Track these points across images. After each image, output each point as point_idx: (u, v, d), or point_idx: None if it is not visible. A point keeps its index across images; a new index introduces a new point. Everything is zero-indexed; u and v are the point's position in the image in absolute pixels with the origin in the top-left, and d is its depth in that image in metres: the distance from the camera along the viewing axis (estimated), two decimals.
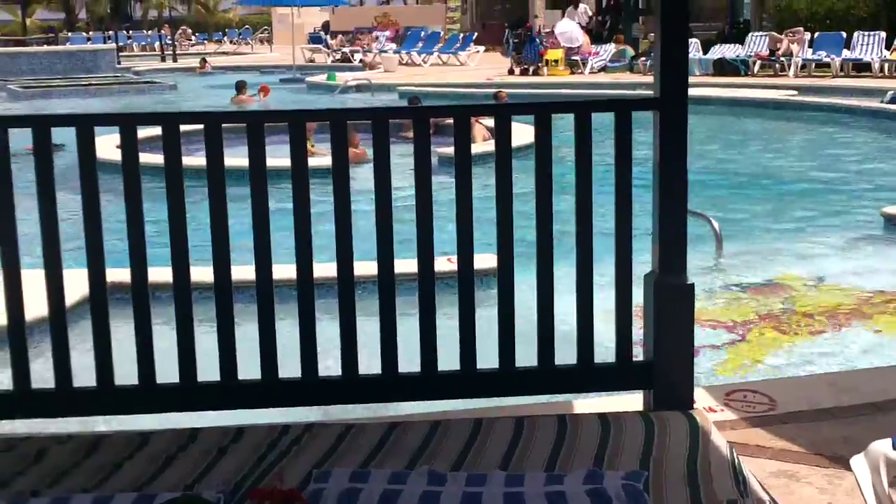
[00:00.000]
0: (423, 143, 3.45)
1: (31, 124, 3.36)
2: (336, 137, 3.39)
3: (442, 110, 3.93)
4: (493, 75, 25.14)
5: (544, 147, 3.41)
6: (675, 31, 3.37)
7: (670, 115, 3.35)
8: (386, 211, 3.40)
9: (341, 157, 3.43)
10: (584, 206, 3.44)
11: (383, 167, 3.43)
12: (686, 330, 3.46)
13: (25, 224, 3.48)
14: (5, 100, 24.28)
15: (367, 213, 3.48)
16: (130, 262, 3.40)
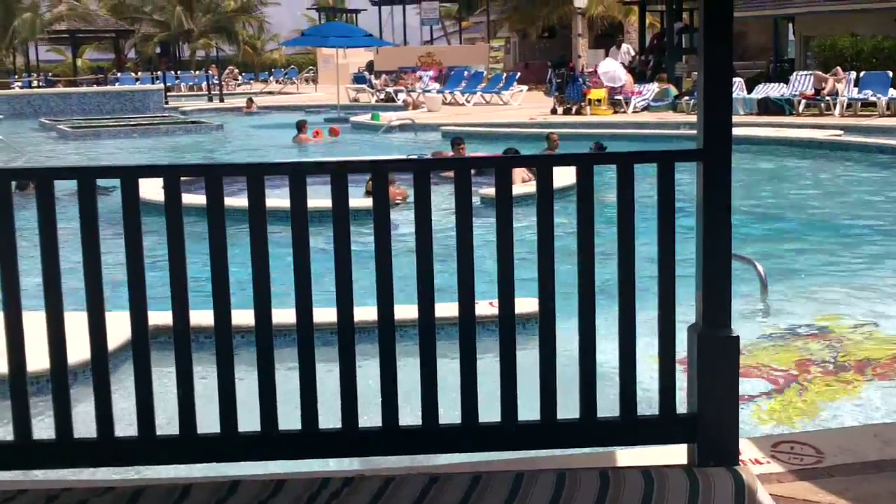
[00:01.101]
0: (464, 194, 3.44)
1: (77, 176, 3.39)
2: (378, 188, 3.39)
3: (484, 162, 3.93)
4: (536, 115, 25.18)
5: (586, 199, 3.40)
6: (718, 81, 3.35)
7: (714, 166, 3.32)
8: (426, 262, 3.40)
9: (382, 207, 3.43)
10: (627, 257, 3.41)
11: (424, 219, 3.43)
12: (731, 383, 3.41)
13: (65, 269, 3.52)
14: (56, 139, 24.68)
15: (409, 255, 3.49)
16: (173, 311, 3.41)
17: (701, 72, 3.37)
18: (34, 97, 34.04)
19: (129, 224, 3.40)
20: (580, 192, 3.41)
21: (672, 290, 3.42)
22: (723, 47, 3.34)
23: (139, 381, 3.43)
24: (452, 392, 3.56)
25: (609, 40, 37.41)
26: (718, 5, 3.29)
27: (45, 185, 3.37)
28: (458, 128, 21.83)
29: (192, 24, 57.14)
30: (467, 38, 54.25)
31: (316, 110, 32.08)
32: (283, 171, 3.45)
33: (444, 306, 3.64)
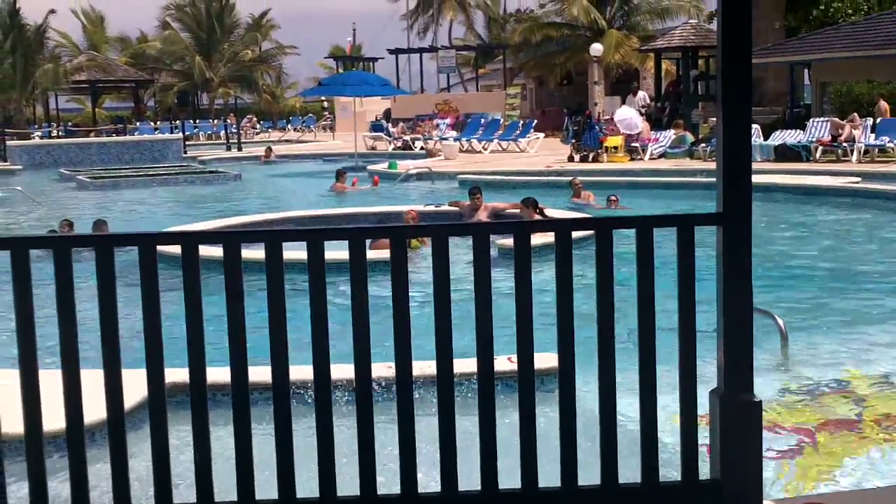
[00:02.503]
0: (482, 258, 3.43)
1: (94, 244, 3.40)
2: (396, 252, 3.39)
3: (503, 226, 3.92)
4: (552, 162, 25.23)
5: (604, 262, 3.39)
6: (737, 145, 3.34)
7: (734, 231, 3.31)
8: (445, 324, 3.39)
9: (401, 270, 3.43)
10: (647, 320, 3.39)
11: (443, 281, 3.42)
12: (754, 448, 3.38)
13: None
14: (75, 189, 24.84)
15: (426, 304, 3.48)
16: (190, 373, 3.41)
17: (720, 137, 3.36)
18: (53, 147, 34.34)
19: (147, 290, 3.41)
20: (599, 257, 3.40)
21: (693, 354, 3.40)
22: (742, 112, 3.34)
23: (156, 447, 3.42)
24: (469, 449, 3.53)
25: (625, 87, 37.55)
26: (737, 74, 3.29)
27: (64, 253, 3.39)
28: (475, 176, 21.88)
29: (212, 74, 57.70)
30: (484, 85, 54.56)
31: (333, 159, 32.23)
32: (301, 236, 3.44)
33: (462, 362, 3.64)
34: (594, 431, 3.57)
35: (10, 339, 3.56)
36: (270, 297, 3.43)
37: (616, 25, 42.02)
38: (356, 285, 3.41)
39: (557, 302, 3.42)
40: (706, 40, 31.52)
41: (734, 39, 3.33)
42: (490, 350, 3.46)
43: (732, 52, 3.33)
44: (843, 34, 28.60)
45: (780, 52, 29.54)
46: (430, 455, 3.62)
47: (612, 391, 3.44)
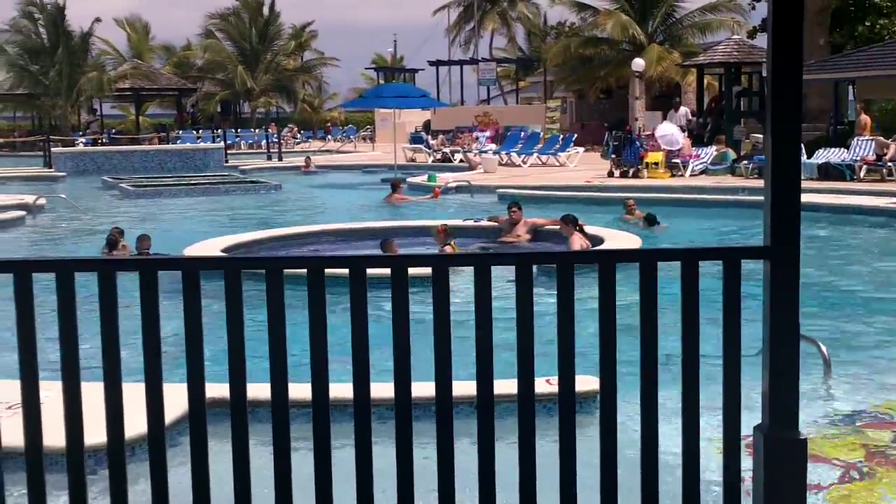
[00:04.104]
0: (525, 287, 3.42)
1: (139, 268, 3.43)
2: (438, 283, 3.39)
3: (545, 258, 3.90)
4: (592, 177, 25.15)
5: (649, 294, 3.36)
6: (786, 178, 3.31)
7: (781, 265, 3.27)
8: (486, 358, 3.37)
9: (443, 302, 3.42)
10: (691, 352, 3.36)
11: (485, 310, 3.41)
12: (798, 487, 3.34)
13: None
14: (118, 197, 25.09)
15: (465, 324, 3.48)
16: (231, 392, 3.43)
17: (769, 168, 3.33)
18: (97, 154, 34.73)
19: (189, 314, 3.43)
20: (643, 290, 3.37)
21: (737, 390, 3.35)
22: (791, 142, 3.31)
23: (196, 464, 3.43)
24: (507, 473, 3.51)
25: (666, 102, 37.36)
26: (787, 106, 3.25)
27: (108, 276, 3.42)
28: (514, 190, 21.86)
29: (254, 83, 58.12)
30: (524, 97, 54.60)
31: (372, 170, 32.34)
32: (342, 263, 3.45)
33: (504, 383, 3.63)
34: (632, 459, 3.54)
35: (50, 347, 3.60)
36: (312, 322, 3.44)
37: (657, 40, 41.89)
38: (398, 314, 3.40)
39: (601, 328, 3.40)
40: (749, 56, 31.31)
41: (784, 67, 3.30)
42: (531, 377, 3.44)
43: (782, 79, 3.30)
44: (889, 51, 28.28)
45: (825, 68, 29.28)
46: (461, 481, 3.59)
47: (653, 424, 3.40)
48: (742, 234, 16.60)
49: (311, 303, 3.45)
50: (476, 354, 3.46)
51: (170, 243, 13.73)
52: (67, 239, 17.71)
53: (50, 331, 3.60)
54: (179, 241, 13.36)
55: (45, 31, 48.82)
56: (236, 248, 12.76)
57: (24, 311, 3.48)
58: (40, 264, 3.70)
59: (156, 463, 3.49)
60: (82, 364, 3.51)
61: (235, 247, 12.87)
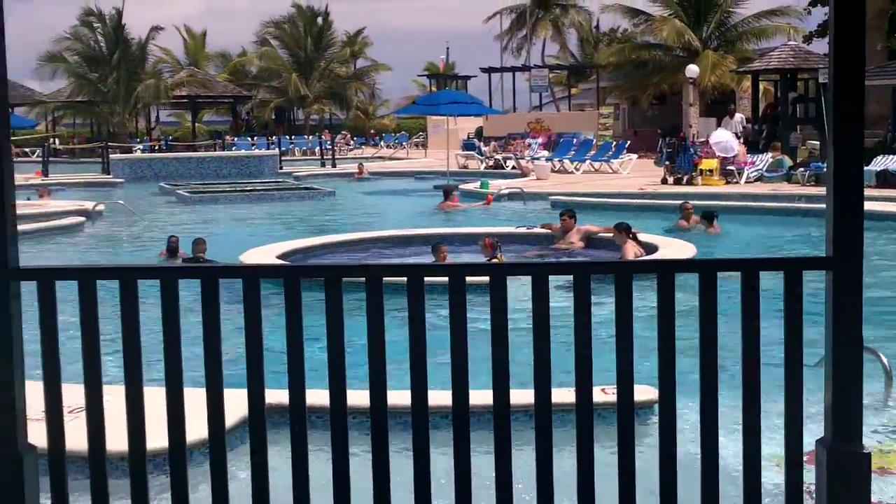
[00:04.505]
0: (583, 296, 3.42)
1: (200, 276, 3.48)
2: (496, 292, 3.40)
3: (603, 267, 3.89)
4: (645, 184, 25.00)
5: (709, 306, 3.34)
6: (848, 187, 3.27)
7: (845, 277, 3.23)
8: (544, 359, 3.38)
9: (500, 311, 3.43)
10: (752, 365, 3.33)
11: (542, 319, 3.42)
12: (862, 501, 3.29)
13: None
14: (175, 204, 25.40)
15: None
16: (290, 396, 3.46)
17: (830, 178, 3.30)
18: (154, 161, 35.21)
19: (250, 324, 3.48)
20: (703, 300, 3.35)
21: (799, 403, 3.32)
22: (854, 155, 3.27)
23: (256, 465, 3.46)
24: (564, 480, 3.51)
25: (721, 108, 37.05)
26: (849, 115, 3.22)
27: (170, 284, 3.48)
28: (567, 198, 21.78)
29: (307, 90, 58.56)
30: (576, 104, 54.40)
31: (425, 177, 32.43)
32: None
33: (558, 392, 3.64)
34: (691, 470, 3.52)
35: (107, 351, 3.66)
36: (371, 329, 3.47)
37: (712, 46, 41.55)
38: (456, 322, 3.42)
39: (659, 338, 3.39)
40: (805, 62, 30.96)
41: (846, 75, 3.28)
42: (589, 386, 3.44)
43: (844, 86, 3.28)
44: None
45: (883, 74, 28.87)
46: (518, 488, 3.60)
47: (713, 435, 3.38)
48: (800, 242, 16.40)
49: (370, 310, 3.48)
50: (534, 363, 3.47)
51: (225, 249, 13.87)
52: (125, 245, 17.96)
53: (107, 336, 3.67)
54: (235, 247, 13.49)
55: (104, 40, 49.56)
56: (291, 255, 12.85)
57: (89, 317, 3.54)
58: (104, 272, 3.77)
59: (215, 467, 3.53)
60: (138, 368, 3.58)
61: (291, 253, 12.96)
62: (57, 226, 18.71)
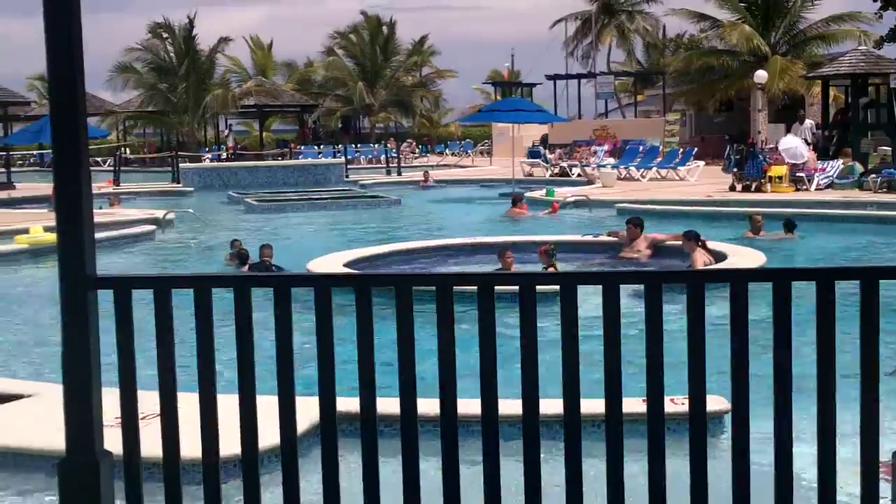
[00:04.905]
0: (654, 305, 3.40)
1: (273, 285, 3.52)
2: (566, 303, 3.39)
3: (675, 276, 3.86)
4: (713, 192, 24.75)
5: (783, 316, 3.30)
6: None
7: None
8: (615, 378, 3.37)
9: (571, 320, 3.42)
10: (827, 375, 3.28)
11: (613, 328, 3.41)
12: None
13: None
14: (243, 212, 25.70)
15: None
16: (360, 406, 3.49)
17: None
18: (223, 170, 35.65)
19: (322, 331, 3.51)
20: (777, 310, 3.31)
21: (875, 413, 3.27)
22: None
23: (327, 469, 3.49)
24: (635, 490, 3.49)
25: (790, 114, 36.55)
26: None
27: (243, 291, 3.53)
28: (633, 205, 21.64)
29: (373, 99, 58.95)
30: (642, 111, 54.07)
31: (490, 184, 32.42)
32: (471, 282, 3.50)
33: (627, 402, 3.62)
34: (765, 481, 3.48)
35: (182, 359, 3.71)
36: (441, 338, 3.48)
37: (780, 51, 41.04)
38: (526, 330, 3.42)
39: (732, 348, 3.37)
40: (876, 67, 30.42)
41: None
42: (661, 396, 3.42)
43: None
44: None
45: None
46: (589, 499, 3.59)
47: (788, 447, 3.34)
48: (872, 250, 16.11)
49: (440, 319, 3.49)
50: (605, 373, 3.45)
51: (293, 257, 14.00)
52: (195, 253, 18.21)
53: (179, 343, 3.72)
54: (302, 255, 13.61)
55: (174, 51, 50.38)
56: (359, 263, 12.93)
57: (164, 325, 3.60)
58: (180, 280, 3.83)
59: (288, 474, 3.57)
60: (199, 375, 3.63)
61: (358, 261, 13.04)
62: (128, 234, 19.04)
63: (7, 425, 6.43)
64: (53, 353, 7.81)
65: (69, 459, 3.61)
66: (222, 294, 3.65)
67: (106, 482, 3.62)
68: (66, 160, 3.60)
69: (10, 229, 18.70)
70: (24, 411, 6.74)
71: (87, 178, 3.62)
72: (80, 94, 3.61)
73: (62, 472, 3.62)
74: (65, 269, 3.57)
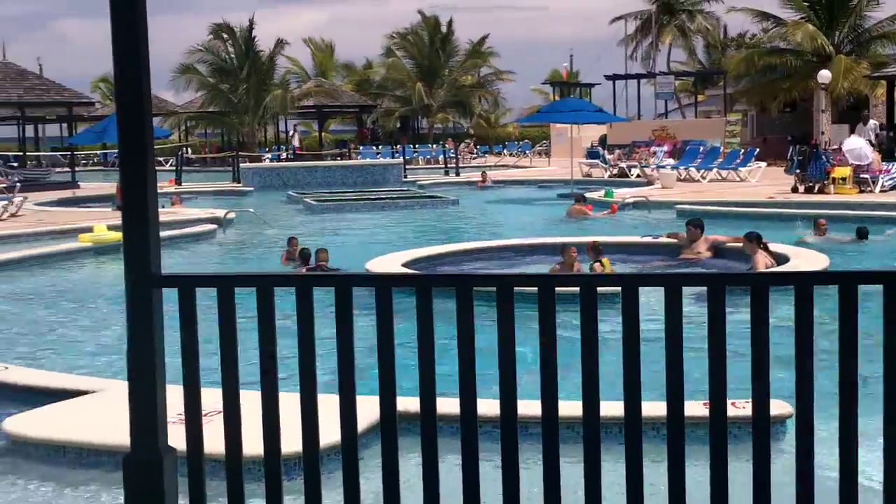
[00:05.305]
0: (717, 307, 3.37)
1: (335, 284, 3.55)
2: (627, 304, 3.38)
3: (738, 278, 3.82)
4: (775, 193, 24.45)
5: (848, 319, 3.25)
6: None
7: None
8: (677, 380, 3.34)
9: (633, 321, 3.41)
10: (893, 388, 3.23)
11: (675, 331, 3.38)
12: None
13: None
14: (302, 212, 25.90)
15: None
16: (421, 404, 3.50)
17: None
18: (282, 170, 35.95)
19: (383, 331, 3.53)
20: (842, 313, 3.27)
21: None
22: None
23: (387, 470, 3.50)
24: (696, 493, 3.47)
25: (854, 115, 36.01)
26: None
27: (306, 291, 3.56)
28: (693, 206, 21.45)
29: (431, 100, 59.06)
30: (702, 111, 53.53)
31: (548, 185, 32.33)
32: (532, 283, 3.50)
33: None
34: (824, 486, 3.44)
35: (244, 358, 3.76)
36: (501, 338, 3.49)
37: (844, 51, 40.41)
38: (587, 330, 3.42)
39: (797, 351, 3.33)
40: None
41: None
42: (723, 399, 3.39)
43: None
44: None
45: None
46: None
47: (853, 453, 3.29)
48: None
49: (500, 320, 3.49)
50: (667, 376, 3.43)
51: (352, 257, 14.08)
52: (255, 251, 18.39)
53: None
54: (361, 254, 13.68)
55: (235, 52, 50.87)
56: (417, 263, 12.96)
57: (227, 323, 3.64)
58: (243, 279, 3.87)
59: (348, 472, 3.59)
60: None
61: (416, 261, 13.07)
62: (190, 233, 19.27)
63: (73, 421, 6.55)
64: (118, 349, 7.95)
65: (134, 455, 3.67)
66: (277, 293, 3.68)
67: (170, 477, 3.67)
68: (133, 160, 3.65)
69: (73, 228, 19.04)
70: (90, 407, 6.86)
71: (152, 179, 3.66)
72: (147, 96, 3.66)
73: (127, 467, 3.68)
74: (130, 267, 3.62)
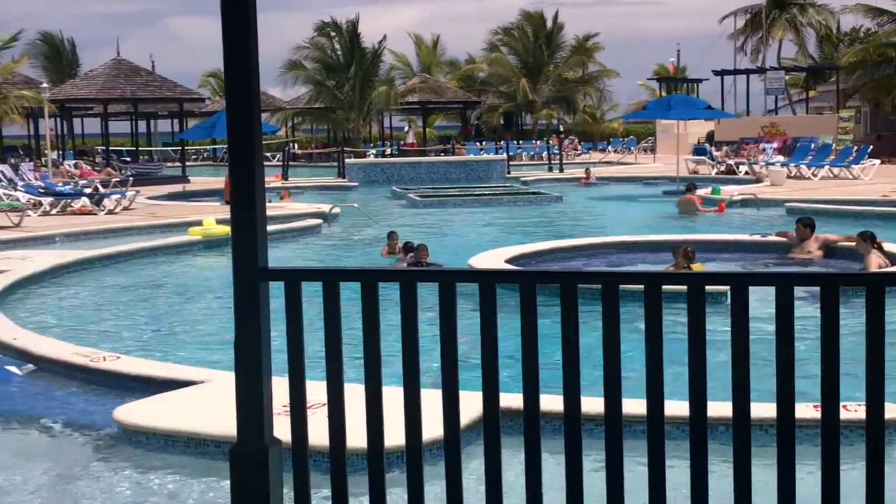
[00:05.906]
0: (831, 307, 3.28)
1: (439, 279, 3.54)
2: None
3: (853, 278, 3.71)
4: (890, 191, 23.74)
5: None
6: None
7: None
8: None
9: (742, 321, 3.34)
10: None
11: (786, 333, 3.29)
12: None
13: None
14: (406, 207, 26.08)
15: None
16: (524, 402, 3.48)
17: None
18: (387, 165, 36.25)
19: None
20: None
21: None
22: None
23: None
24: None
25: None
26: None
27: (410, 286, 3.57)
28: (803, 204, 20.96)
29: (535, 96, 58.85)
30: (814, 107, 52.25)
31: (654, 182, 31.94)
32: (638, 281, 3.46)
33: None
34: None
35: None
36: (606, 336, 3.46)
37: None
38: (695, 331, 3.36)
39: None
40: None
41: None
42: (836, 404, 3.30)
43: None
44: None
45: None
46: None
47: None
48: None
49: (605, 317, 3.45)
50: (777, 377, 3.35)
51: (455, 252, 14.11)
52: (359, 246, 18.56)
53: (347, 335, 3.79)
54: (464, 250, 13.70)
55: (340, 49, 51.39)
56: (520, 259, 12.93)
57: (332, 317, 3.66)
58: (348, 274, 3.90)
59: (451, 466, 3.59)
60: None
61: (519, 257, 13.04)
62: (297, 227, 19.56)
63: (182, 411, 6.70)
64: (225, 341, 8.10)
65: (240, 445, 3.72)
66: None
67: (275, 469, 3.71)
68: (242, 156, 3.70)
69: (184, 221, 19.50)
70: (198, 397, 7.01)
71: (260, 174, 3.71)
72: (255, 93, 3.71)
73: (234, 458, 3.73)
74: (238, 260, 3.67)
